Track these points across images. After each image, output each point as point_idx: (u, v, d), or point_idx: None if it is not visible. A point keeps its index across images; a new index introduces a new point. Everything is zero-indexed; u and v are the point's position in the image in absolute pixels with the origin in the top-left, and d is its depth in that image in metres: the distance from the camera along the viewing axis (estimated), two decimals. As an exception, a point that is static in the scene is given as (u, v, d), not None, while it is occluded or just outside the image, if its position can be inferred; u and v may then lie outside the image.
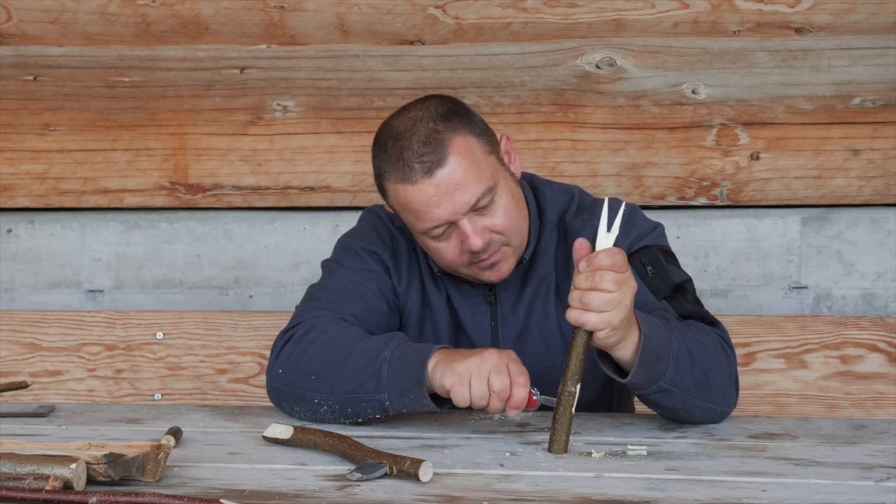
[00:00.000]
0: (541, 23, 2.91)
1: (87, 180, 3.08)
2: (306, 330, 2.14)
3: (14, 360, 3.03)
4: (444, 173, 2.06)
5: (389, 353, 2.01)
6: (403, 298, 2.27)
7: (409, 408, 2.00)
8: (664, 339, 1.94)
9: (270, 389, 2.16)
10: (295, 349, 2.12)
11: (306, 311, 2.19)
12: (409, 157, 2.07)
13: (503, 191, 2.12)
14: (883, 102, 2.90)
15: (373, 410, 2.03)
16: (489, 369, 1.92)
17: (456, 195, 2.07)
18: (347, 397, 2.03)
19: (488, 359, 1.94)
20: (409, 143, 2.08)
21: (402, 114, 2.14)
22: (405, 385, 1.98)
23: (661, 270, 2.16)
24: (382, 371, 2.00)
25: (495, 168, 2.13)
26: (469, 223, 2.09)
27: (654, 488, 1.68)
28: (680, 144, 2.96)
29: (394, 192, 2.12)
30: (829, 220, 2.98)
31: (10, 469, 1.60)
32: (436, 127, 2.08)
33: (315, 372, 2.07)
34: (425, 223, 2.10)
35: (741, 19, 2.88)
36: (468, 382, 1.92)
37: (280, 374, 2.12)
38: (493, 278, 2.17)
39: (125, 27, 2.98)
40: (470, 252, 2.10)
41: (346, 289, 2.23)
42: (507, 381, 1.92)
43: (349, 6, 2.93)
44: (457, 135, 2.09)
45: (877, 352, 2.90)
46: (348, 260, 2.27)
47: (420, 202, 2.08)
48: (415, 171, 2.06)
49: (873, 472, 1.77)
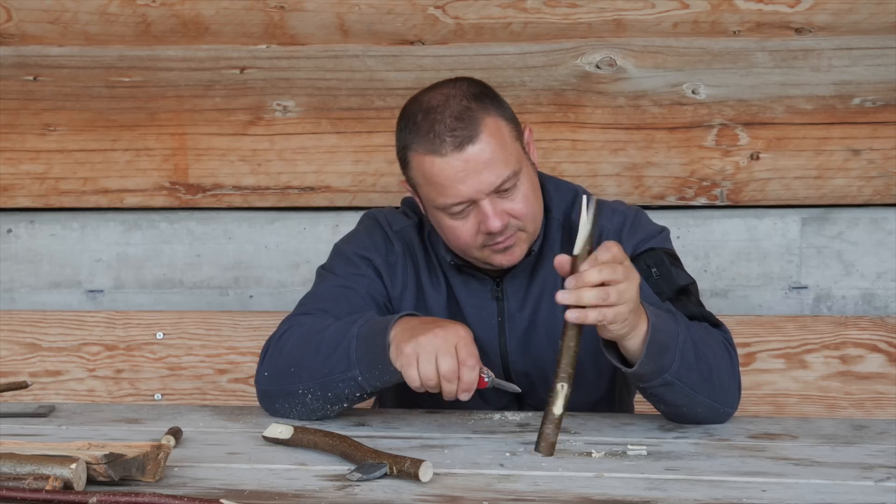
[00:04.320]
0: (541, 23, 2.91)
1: (87, 180, 3.08)
2: (284, 330, 2.17)
3: (14, 360, 3.03)
4: (474, 150, 2.07)
5: (357, 330, 2.03)
6: (398, 302, 2.27)
7: (382, 380, 2.00)
8: (671, 331, 1.95)
9: (260, 395, 2.17)
10: (275, 350, 2.15)
11: (290, 318, 2.22)
12: (440, 130, 2.07)
13: (525, 178, 2.13)
14: (883, 102, 2.90)
15: (350, 390, 2.04)
16: (435, 350, 1.91)
17: (483, 174, 2.07)
18: (325, 380, 2.05)
19: (434, 338, 1.92)
20: (442, 116, 2.08)
21: (434, 90, 2.15)
22: (372, 357, 1.99)
23: (665, 273, 2.16)
24: (351, 347, 2.02)
25: (520, 154, 2.14)
26: (490, 204, 2.09)
27: (654, 488, 1.68)
28: (680, 144, 2.96)
29: (419, 164, 2.11)
30: (829, 220, 2.98)
31: (10, 469, 1.60)
32: (469, 105, 2.09)
33: (294, 363, 2.09)
34: (447, 198, 2.10)
35: (741, 19, 2.88)
36: (416, 363, 1.92)
37: (266, 376, 2.15)
38: (504, 262, 2.17)
39: (125, 27, 2.98)
40: (487, 233, 2.11)
41: (333, 295, 2.23)
42: (453, 362, 1.91)
43: (349, 6, 2.93)
44: (489, 115, 2.10)
45: (877, 352, 2.90)
46: (340, 267, 2.28)
47: (446, 176, 2.08)
48: (445, 144, 2.07)
49: (873, 472, 1.77)
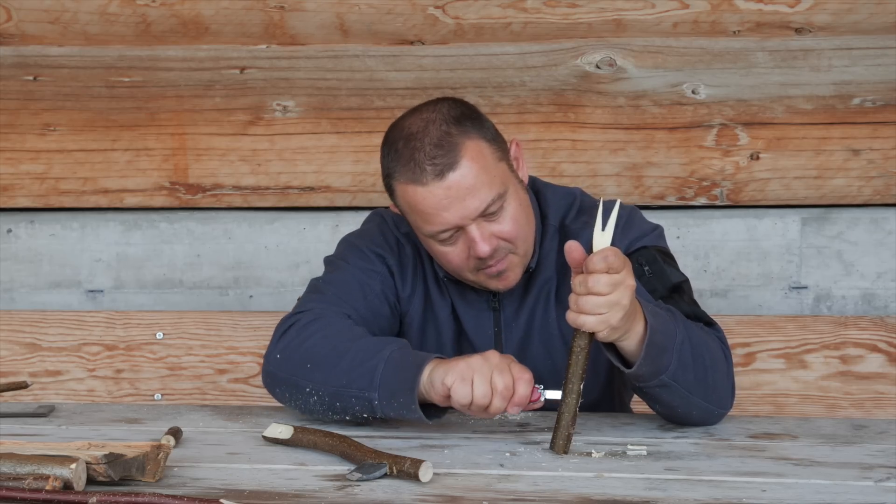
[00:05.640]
0: (541, 23, 2.91)
1: (87, 180, 3.08)
2: (311, 319, 2.12)
3: (14, 360, 3.03)
4: (455, 177, 2.05)
5: (388, 354, 2.00)
6: (406, 304, 2.26)
7: (397, 412, 1.98)
8: (669, 332, 1.94)
9: (265, 374, 2.13)
10: (296, 337, 2.10)
11: (311, 301, 2.18)
12: (420, 159, 2.05)
13: (512, 198, 2.11)
14: (883, 102, 2.90)
15: (361, 408, 2.01)
16: (491, 368, 1.91)
17: (466, 200, 2.05)
18: (338, 390, 2.02)
19: (491, 358, 1.93)
20: (421, 144, 2.06)
21: (414, 115, 2.12)
22: (396, 387, 1.96)
23: (658, 271, 2.16)
24: (377, 370, 1.98)
25: (505, 174, 2.12)
26: (477, 229, 2.07)
27: (654, 488, 1.68)
28: (680, 144, 2.96)
29: (402, 193, 2.10)
30: (829, 220, 2.98)
31: (10, 469, 1.60)
32: (448, 130, 2.07)
33: (311, 360, 2.06)
34: (433, 226, 2.09)
35: (741, 19, 2.88)
36: (470, 380, 1.90)
37: (277, 359, 2.10)
38: (500, 287, 2.16)
39: (125, 27, 2.98)
40: (477, 258, 2.09)
41: (350, 285, 2.21)
42: (510, 378, 1.90)
43: (349, 6, 2.93)
44: (469, 139, 2.07)
45: (877, 352, 2.90)
46: (354, 258, 2.26)
47: (429, 205, 2.06)
48: (426, 173, 2.05)
49: (873, 472, 1.77)
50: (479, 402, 1.90)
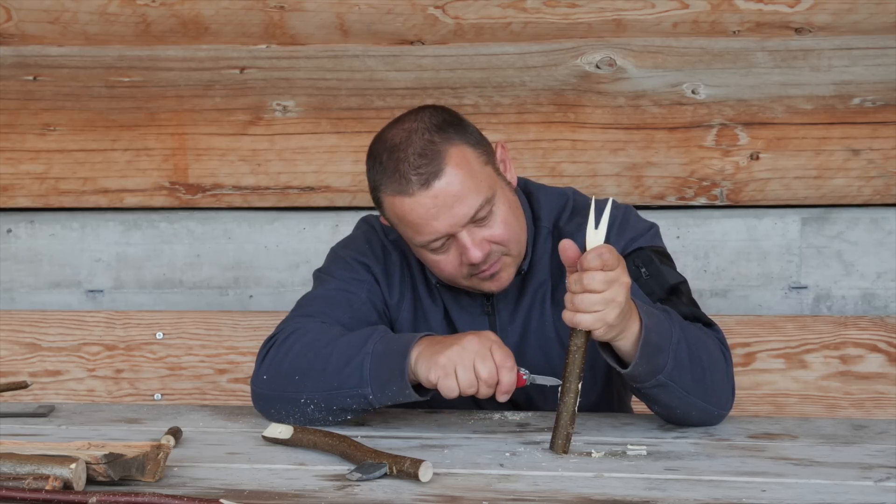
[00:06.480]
0: (541, 23, 2.91)
1: (86, 180, 3.08)
2: (288, 334, 2.13)
3: (14, 360, 3.03)
4: (441, 185, 2.04)
5: (372, 347, 2.00)
6: (395, 311, 2.26)
7: (394, 400, 1.99)
8: (665, 331, 1.94)
9: (256, 398, 2.14)
10: (277, 353, 2.11)
11: (291, 321, 2.19)
12: (405, 170, 2.04)
13: (501, 201, 2.10)
14: (883, 102, 2.90)
15: (357, 406, 2.02)
16: (472, 357, 1.91)
17: (454, 207, 2.04)
18: (332, 394, 2.02)
19: (468, 346, 1.92)
20: (405, 154, 2.05)
21: (396, 125, 2.11)
22: (387, 377, 1.97)
23: (655, 272, 2.15)
24: (365, 365, 1.99)
25: (492, 178, 2.11)
26: (468, 235, 2.07)
27: (654, 488, 1.68)
28: (680, 144, 2.96)
29: (390, 205, 2.10)
30: (829, 220, 2.98)
31: (10, 469, 1.60)
32: (431, 138, 2.06)
33: (298, 371, 2.06)
34: (424, 236, 2.08)
35: (741, 19, 2.88)
36: (454, 373, 1.91)
37: (264, 380, 2.11)
38: (493, 288, 2.16)
39: (125, 27, 2.98)
40: (470, 264, 2.09)
41: (334, 298, 2.21)
42: (492, 366, 1.91)
43: (349, 6, 2.93)
44: (453, 146, 2.06)
45: (877, 352, 2.90)
46: (339, 270, 2.26)
47: (418, 215, 2.05)
48: (411, 184, 2.04)
49: (873, 472, 1.77)
50: (466, 392, 1.92)
